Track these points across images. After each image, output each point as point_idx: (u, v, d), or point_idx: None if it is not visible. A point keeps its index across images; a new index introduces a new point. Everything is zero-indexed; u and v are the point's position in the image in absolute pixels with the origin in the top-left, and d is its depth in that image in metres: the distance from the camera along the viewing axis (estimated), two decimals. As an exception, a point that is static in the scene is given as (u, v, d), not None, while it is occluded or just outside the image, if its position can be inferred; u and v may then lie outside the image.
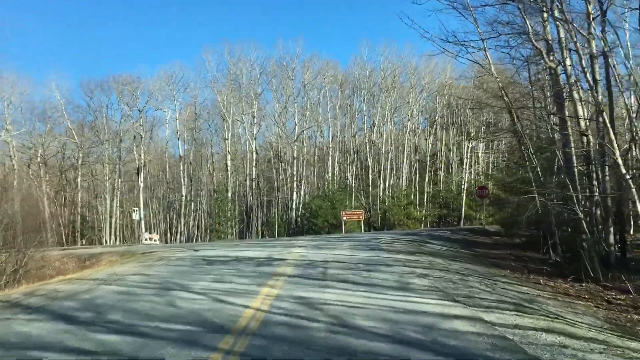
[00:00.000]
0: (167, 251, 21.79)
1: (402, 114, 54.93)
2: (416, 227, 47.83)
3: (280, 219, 53.44)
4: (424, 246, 20.56)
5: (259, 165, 69.76)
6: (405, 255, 16.34)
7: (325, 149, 57.97)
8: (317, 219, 45.68)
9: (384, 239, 23.19)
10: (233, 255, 17.73)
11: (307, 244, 22.04)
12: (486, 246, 23.00)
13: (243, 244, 24.35)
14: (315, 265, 13.90)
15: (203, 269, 14.06)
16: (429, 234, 26.58)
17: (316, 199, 47.92)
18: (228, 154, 51.73)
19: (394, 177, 55.87)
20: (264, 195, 62.56)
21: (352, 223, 45.13)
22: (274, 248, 20.21)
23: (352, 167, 55.52)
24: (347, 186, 52.45)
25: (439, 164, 56.40)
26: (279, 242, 24.29)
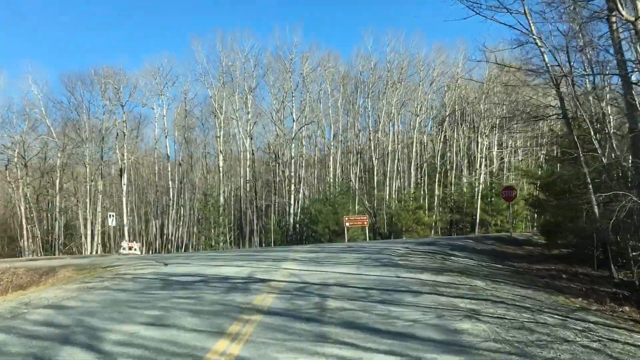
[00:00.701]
0: (133, 265, 18.04)
1: (409, 110, 51.01)
2: (426, 233, 43.82)
3: (277, 225, 49.44)
4: (449, 260, 16.58)
5: (257, 167, 65.84)
6: (431, 274, 12.37)
7: (326, 150, 54.11)
8: (317, 225, 41.74)
9: (396, 250, 19.22)
10: (205, 272, 13.78)
11: (303, 256, 18.11)
12: (522, 259, 18.99)
13: (227, 256, 20.39)
14: (308, 292, 9.94)
15: (152, 296, 10.10)
16: (447, 243, 22.58)
17: (316, 203, 43.99)
18: (220, 154, 47.79)
19: (401, 179, 51.86)
20: (262, 200, 58.62)
21: (355, 229, 41.22)
22: (262, 262, 16.30)
23: (355, 168, 51.55)
24: (349, 189, 48.48)
25: (450, 165, 52.37)
26: (271, 254, 20.35)
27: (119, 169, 45.73)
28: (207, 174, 58.15)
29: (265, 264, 15.56)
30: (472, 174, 49.66)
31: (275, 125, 51.71)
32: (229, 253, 22.03)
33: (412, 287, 10.29)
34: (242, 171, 47.37)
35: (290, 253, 20.04)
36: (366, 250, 20.24)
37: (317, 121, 54.02)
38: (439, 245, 21.64)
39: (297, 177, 48.33)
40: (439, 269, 13.57)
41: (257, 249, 31.49)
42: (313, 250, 21.52)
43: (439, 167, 48.64)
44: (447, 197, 49.55)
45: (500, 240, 24.46)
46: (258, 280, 11.90)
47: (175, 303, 9.10)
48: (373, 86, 48.79)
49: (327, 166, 51.77)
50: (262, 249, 26.68)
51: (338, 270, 13.38)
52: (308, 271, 13.29)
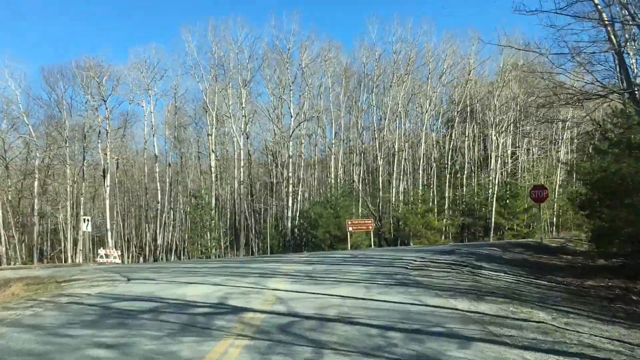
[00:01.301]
0: (92, 280, 15.00)
1: (417, 106, 47.76)
2: (436, 239, 40.52)
3: (274, 229, 46.13)
4: (479, 275, 13.32)
5: (255, 169, 62.62)
6: (468, 300, 9.12)
7: (327, 150, 50.82)
8: (317, 230, 38.47)
9: (411, 261, 15.97)
10: (166, 295, 10.56)
11: (297, 269, 14.89)
12: (564, 271, 15.71)
13: (207, 269, 17.12)
14: (297, 334, 6.69)
15: (62, 341, 6.85)
16: (469, 252, 19.29)
17: (316, 206, 40.71)
18: (212, 153, 44.54)
19: (408, 181, 48.57)
20: (260, 203, 55.38)
21: (359, 234, 38.03)
22: (245, 278, 13.12)
23: (359, 169, 48.30)
24: (352, 191, 45.20)
25: (460, 165, 49.08)
26: (260, 265, 17.15)
27: (102, 169, 42.47)
28: (201, 176, 55.01)
29: (248, 281, 12.34)
30: (485, 174, 46.34)
31: (272, 122, 48.53)
32: (212, 264, 18.77)
33: (450, 325, 7.02)
34: (236, 172, 44.09)
35: (283, 264, 16.80)
36: (374, 260, 16.97)
37: (317, 118, 50.80)
38: (460, 254, 18.36)
39: (296, 178, 45.08)
40: (475, 291, 10.29)
41: (248, 257, 28.25)
42: (310, 260, 18.26)
43: (449, 167, 45.36)
44: (458, 199, 46.24)
45: (529, 248, 21.16)
46: (230, 309, 8.67)
47: (85, 359, 5.85)
48: (378, 79, 45.54)
49: (328, 167, 48.53)
50: (253, 258, 23.41)
51: (341, 291, 10.13)
52: (301, 293, 10.06)
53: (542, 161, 47.86)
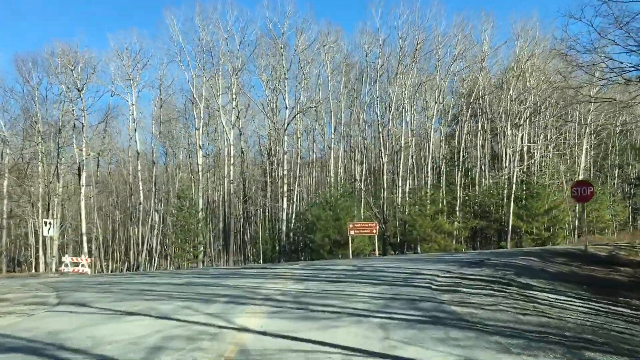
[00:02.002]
0: (18, 300, 11.89)
1: (425, 97, 44.07)
2: (447, 244, 36.86)
3: (267, 234, 42.54)
4: (536, 300, 9.70)
5: (250, 169, 58.96)
6: (550, 357, 5.47)
7: (326, 147, 47.17)
8: (315, 234, 34.84)
9: (433, 276, 12.40)
10: (78, 339, 7.05)
11: (284, 288, 11.35)
12: (636, 290, 12.08)
13: (166, 285, 13.47)
14: None
15: None
16: (501, 262, 15.66)
17: (314, 207, 37.07)
18: (199, 149, 40.90)
19: (415, 179, 44.94)
20: (254, 205, 51.77)
21: (361, 239, 34.44)
22: (208, 305, 9.66)
23: (361, 166, 44.65)
24: (354, 190, 41.54)
25: (473, 162, 45.43)
26: (237, 283, 13.54)
27: (77, 167, 38.81)
28: (192, 174, 51.37)
29: (210, 311, 8.78)
30: (499, 172, 42.68)
31: (266, 116, 44.87)
32: (178, 279, 15.03)
33: None
34: (226, 169, 40.41)
35: (267, 281, 13.19)
36: (385, 275, 13.32)
37: (316, 111, 47.16)
38: (493, 266, 14.71)
39: (292, 176, 41.46)
40: (555, 335, 6.63)
41: (231, 268, 24.53)
42: (304, 273, 14.63)
43: (461, 165, 41.64)
44: (469, 200, 42.55)
45: (572, 257, 17.52)
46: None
47: None
48: (381, 68, 41.81)
49: (327, 165, 44.87)
50: (237, 269, 19.76)
51: (343, 337, 6.51)
52: (279, 340, 6.46)
53: (560, 158, 44.23)
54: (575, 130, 44.80)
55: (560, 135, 44.42)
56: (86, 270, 28.45)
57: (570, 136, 45.22)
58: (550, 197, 38.29)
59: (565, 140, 45.36)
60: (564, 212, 38.04)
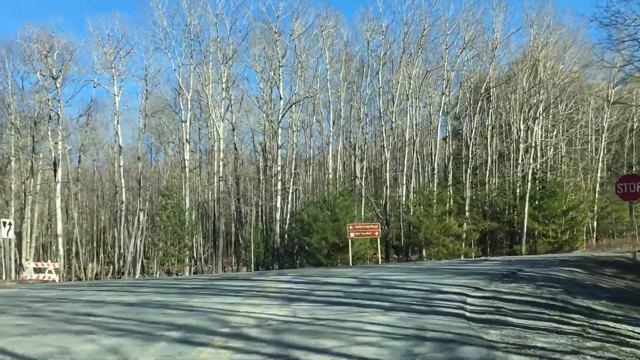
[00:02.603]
0: None
1: (430, 89, 41.15)
2: (457, 248, 33.95)
3: (260, 236, 39.55)
4: (625, 339, 6.73)
5: (245, 166, 55.92)
6: None
7: (324, 145, 44.15)
8: (311, 236, 31.92)
9: (460, 294, 9.59)
10: None
11: (261, 316, 8.48)
12: None
13: (104, 308, 10.50)
14: None
15: None
16: (540, 275, 12.75)
17: (311, 207, 34.12)
18: (186, 144, 37.88)
19: (420, 177, 41.98)
20: (249, 205, 48.74)
21: (362, 241, 31.57)
22: (147, 346, 6.55)
23: (362, 163, 41.67)
24: (354, 189, 38.56)
25: (482, 158, 42.45)
26: (204, 303, 10.73)
27: (53, 162, 35.80)
28: (182, 172, 48.25)
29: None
30: (513, 169, 39.72)
31: (259, 109, 41.88)
32: (134, 296, 11.95)
33: None
34: (216, 165, 37.41)
35: (244, 302, 10.22)
36: (398, 294, 10.36)
37: (314, 106, 44.24)
38: (528, 279, 11.83)
39: (287, 173, 38.47)
40: None
41: (211, 278, 21.65)
42: (293, 292, 11.65)
43: (470, 161, 38.63)
44: (479, 199, 39.59)
45: (621, 267, 14.60)
46: None
47: None
48: (384, 56, 38.71)
49: (325, 162, 41.88)
50: (213, 280, 16.72)
51: None
52: None
53: (577, 155, 41.30)
54: (592, 125, 41.84)
55: (577, 131, 41.40)
56: (53, 277, 25.45)
57: (587, 131, 42.25)
58: (568, 197, 35.40)
59: (582, 135, 42.36)
60: (582, 213, 35.13)
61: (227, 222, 41.31)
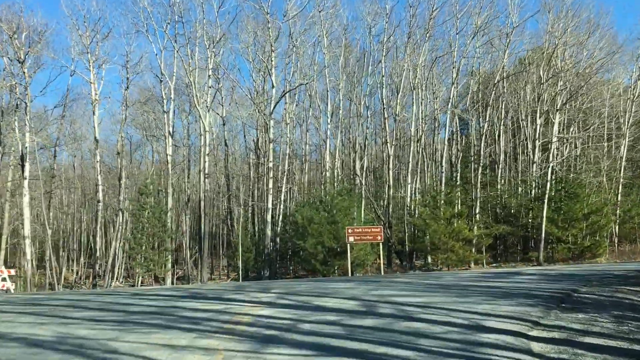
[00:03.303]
0: None
1: (439, 78, 37.95)
2: (467, 255, 30.77)
3: (250, 239, 36.38)
4: None
5: (238, 164, 52.71)
6: None
7: (321, 141, 40.97)
8: (305, 240, 28.77)
9: (513, 333, 6.43)
10: None
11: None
12: None
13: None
14: None
15: None
16: (614, 300, 9.58)
17: (306, 208, 30.94)
18: (169, 137, 34.61)
19: (426, 176, 38.81)
20: (236, 204, 45.54)
21: (362, 246, 28.50)
22: None
23: (362, 161, 38.52)
24: (354, 188, 35.37)
25: (494, 156, 39.34)
26: (130, 349, 7.38)
27: (20, 155, 32.55)
28: (165, 168, 45.05)
29: None
30: (529, 167, 36.58)
31: (251, 100, 38.69)
32: (45, 327, 8.72)
33: None
34: (201, 161, 34.19)
35: (193, 348, 6.99)
36: (420, 331, 7.20)
37: (310, 99, 41.06)
38: (598, 306, 8.68)
39: (280, 170, 35.31)
40: None
41: (176, 294, 18.51)
42: (270, 326, 8.46)
43: (481, 160, 35.45)
44: (491, 200, 36.42)
45: None
46: None
47: None
48: (388, 40, 35.51)
49: (322, 158, 38.69)
50: (175, 297, 13.45)
51: None
52: None
53: (599, 152, 38.13)
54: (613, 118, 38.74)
55: (597, 126, 38.28)
56: (8, 286, 22.27)
57: (608, 126, 39.15)
58: (591, 198, 32.29)
59: (602, 131, 39.24)
60: (606, 216, 31.99)
61: (219, 224, 38.11)
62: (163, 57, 33.77)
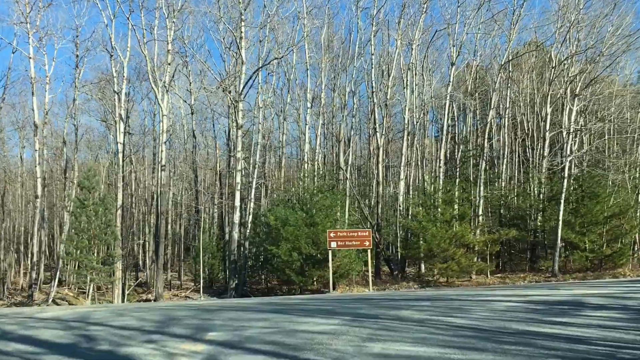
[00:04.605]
0: None
1: (439, 55, 33.66)
2: (470, 263, 26.44)
3: (215, 243, 31.70)
4: None
5: (210, 160, 47.84)
6: None
7: (300, 133, 36.25)
8: (279, 246, 24.20)
9: None
10: None
11: None
12: None
13: None
14: None
15: None
16: None
17: (280, 207, 26.32)
18: (120, 122, 29.68)
19: (420, 172, 34.38)
20: (205, 204, 40.73)
21: (346, 252, 24.19)
22: None
23: (348, 153, 34.05)
24: (338, 183, 30.88)
25: (499, 149, 35.12)
26: None
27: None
28: (121, 159, 40.07)
29: None
30: (536, 163, 32.42)
31: (220, 85, 33.88)
32: None
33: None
34: (158, 152, 29.35)
35: None
36: None
37: (288, 83, 36.50)
38: None
39: (250, 164, 30.69)
40: None
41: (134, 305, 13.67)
42: None
43: (485, 154, 31.10)
44: (493, 201, 32.18)
45: None
46: None
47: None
48: (378, 16, 31.03)
49: (301, 149, 34.10)
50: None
51: None
52: None
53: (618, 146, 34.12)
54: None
55: (614, 116, 34.22)
56: None
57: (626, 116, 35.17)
58: (613, 199, 28.19)
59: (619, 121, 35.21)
60: (630, 220, 27.92)
61: (169, 225, 33.31)
62: (114, 27, 28.94)
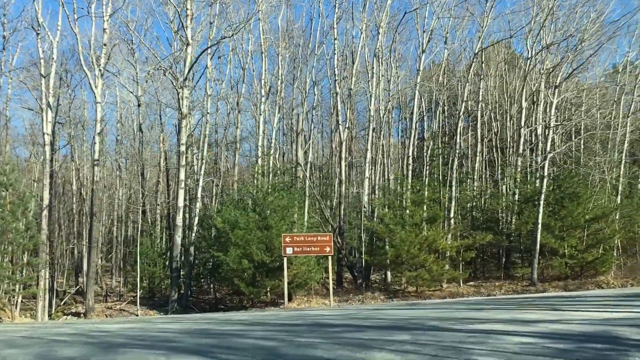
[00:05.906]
0: None
1: (409, 45, 31.40)
2: (442, 271, 24.11)
3: (156, 249, 28.61)
4: None
5: (164, 156, 44.36)
6: None
7: (256, 126, 33.28)
8: (227, 253, 21.41)
9: None
10: None
11: None
12: None
13: None
14: None
15: None
16: None
17: (229, 208, 23.46)
18: (47, 109, 26.22)
19: (386, 170, 31.95)
20: (152, 204, 37.45)
21: (304, 259, 21.60)
22: None
23: (307, 149, 31.44)
24: (295, 181, 28.20)
25: (473, 147, 33.09)
26: None
27: None
28: (48, 153, 36.44)
29: None
30: (510, 159, 30.50)
31: (164, 69, 30.77)
32: None
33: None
34: (91, 145, 26.12)
35: None
36: None
37: (243, 72, 33.61)
38: None
39: (199, 159, 27.75)
40: None
41: None
42: None
43: (458, 151, 28.91)
44: (464, 202, 30.06)
45: None
46: None
47: None
48: None
49: (255, 141, 31.22)
50: None
51: None
52: None
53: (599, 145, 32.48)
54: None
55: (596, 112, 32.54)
56: None
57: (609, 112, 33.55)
58: (593, 201, 26.40)
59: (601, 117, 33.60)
60: (611, 223, 26.14)
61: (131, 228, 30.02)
62: (41, 2, 25.37)
